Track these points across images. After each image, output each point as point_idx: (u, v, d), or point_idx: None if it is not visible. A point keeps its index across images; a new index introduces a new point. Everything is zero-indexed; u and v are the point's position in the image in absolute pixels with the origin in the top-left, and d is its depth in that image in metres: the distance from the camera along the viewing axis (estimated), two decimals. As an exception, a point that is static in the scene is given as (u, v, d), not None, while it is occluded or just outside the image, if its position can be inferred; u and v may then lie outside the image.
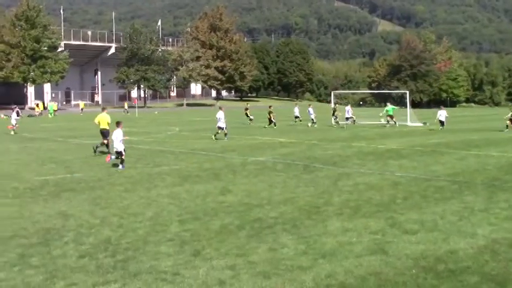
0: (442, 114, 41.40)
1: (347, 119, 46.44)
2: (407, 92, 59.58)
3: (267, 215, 12.02)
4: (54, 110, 77.64)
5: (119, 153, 20.12)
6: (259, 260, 8.80)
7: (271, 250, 9.37)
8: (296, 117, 48.03)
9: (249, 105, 56.11)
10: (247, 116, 49.08)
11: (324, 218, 11.64)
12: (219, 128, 32.43)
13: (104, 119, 25.58)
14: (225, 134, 32.49)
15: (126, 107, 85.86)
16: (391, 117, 46.57)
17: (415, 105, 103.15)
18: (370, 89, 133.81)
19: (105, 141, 25.11)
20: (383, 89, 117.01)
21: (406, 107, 51.33)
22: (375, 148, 26.77)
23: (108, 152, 23.88)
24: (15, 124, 40.85)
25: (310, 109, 46.96)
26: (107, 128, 25.35)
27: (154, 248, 9.57)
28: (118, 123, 20.90)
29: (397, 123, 45.88)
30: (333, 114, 47.09)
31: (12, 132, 39.21)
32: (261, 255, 9.09)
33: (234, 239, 10.07)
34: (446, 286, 7.64)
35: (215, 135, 32.23)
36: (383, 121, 46.86)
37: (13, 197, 14.36)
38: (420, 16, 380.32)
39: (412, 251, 9.25)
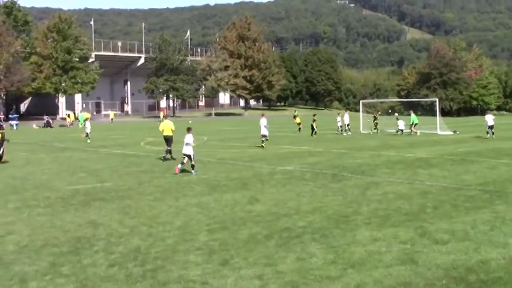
0: (489, 119, 39.99)
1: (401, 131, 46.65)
2: (437, 100, 58.96)
3: (295, 224, 11.98)
4: (86, 119, 78.62)
5: (188, 156, 20.99)
6: (288, 270, 8.76)
7: (299, 260, 9.33)
8: (341, 126, 49.08)
9: (316, 116, 53.48)
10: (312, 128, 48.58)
11: (353, 228, 11.57)
12: (263, 135, 33.40)
13: (167, 126, 26.62)
14: (263, 141, 33.28)
15: (161, 116, 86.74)
16: (411, 126, 46.49)
17: (445, 113, 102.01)
18: (399, 97, 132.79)
19: (169, 148, 26.15)
20: (412, 98, 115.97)
21: (436, 115, 50.67)
22: (404, 157, 26.54)
23: (172, 158, 25.55)
24: (89, 132, 42.53)
25: (346, 116, 49.25)
26: (171, 134, 26.47)
27: (183, 257, 9.59)
28: (189, 129, 21.69)
29: (413, 132, 46.26)
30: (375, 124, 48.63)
31: (88, 141, 40.55)
32: (289, 264, 9.06)
33: (262, 249, 10.05)
34: (477, 297, 7.53)
35: (263, 143, 33.17)
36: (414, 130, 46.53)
37: (45, 206, 14.54)
38: (450, 24, 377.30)
39: (442, 261, 9.13)
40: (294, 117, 50.79)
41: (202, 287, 8.07)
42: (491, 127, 39.37)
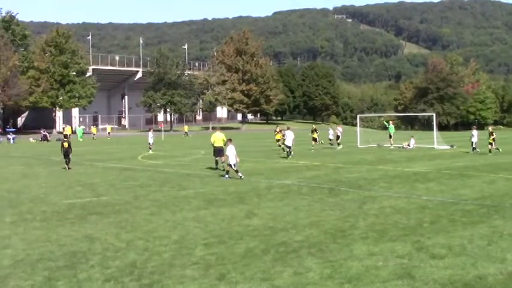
0: (475, 135, 39.98)
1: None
2: (434, 114, 58.99)
3: (292, 238, 11.95)
4: (94, 134, 79.61)
5: (230, 166, 23.68)
6: (284, 285, 8.73)
7: (296, 274, 9.30)
8: (330, 139, 49.32)
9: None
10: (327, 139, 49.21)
11: (350, 242, 11.54)
12: (288, 146, 35.65)
13: (219, 138, 27.56)
14: (289, 153, 35.47)
15: (186, 130, 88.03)
16: (390, 137, 47.03)
17: (442, 127, 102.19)
18: (397, 111, 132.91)
19: (223, 158, 26.69)
20: (409, 112, 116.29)
21: (433, 129, 50.70)
22: (401, 171, 26.55)
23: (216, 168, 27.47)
24: (152, 144, 44.15)
25: (331, 130, 49.77)
26: (222, 145, 27.46)
27: (180, 271, 9.56)
28: (230, 140, 25.06)
29: (392, 146, 46.72)
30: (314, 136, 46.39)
31: (151, 151, 42.47)
32: (286, 279, 9.03)
33: (259, 263, 10.02)
34: (474, 312, 7.52)
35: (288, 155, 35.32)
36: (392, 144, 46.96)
37: (41, 220, 14.49)
38: (446, 38, 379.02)
39: (439, 275, 9.10)
40: (312, 131, 47.54)
41: (199, 301, 8.04)
42: (473, 143, 39.41)
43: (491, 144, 38.42)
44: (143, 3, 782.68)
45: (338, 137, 47.35)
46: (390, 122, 50.32)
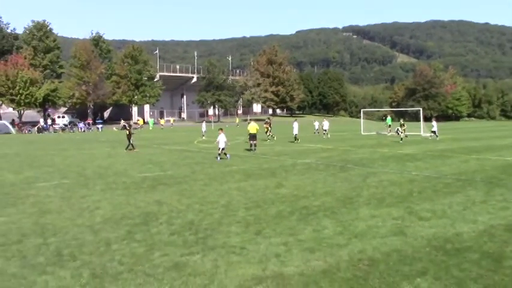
0: (435, 125, 39.36)
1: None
2: (421, 109, 57.93)
3: (311, 203, 11.92)
4: (162, 124, 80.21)
5: (223, 149, 23.09)
6: (306, 239, 8.74)
7: (315, 231, 9.29)
8: (317, 130, 47.74)
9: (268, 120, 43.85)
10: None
11: (356, 207, 11.47)
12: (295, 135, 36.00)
13: (253, 127, 27.41)
14: (296, 139, 35.93)
15: (237, 121, 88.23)
16: (389, 126, 46.52)
17: (426, 119, 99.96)
18: (391, 107, 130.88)
19: (255, 142, 27.13)
20: (401, 107, 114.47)
21: (420, 121, 49.89)
22: (395, 153, 26.21)
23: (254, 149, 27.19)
24: (205, 132, 44.53)
25: (295, 124, 39.58)
26: (255, 132, 27.37)
27: (226, 228, 9.62)
28: (221, 129, 23.98)
29: (389, 134, 46.00)
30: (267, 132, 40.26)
31: (204, 137, 42.23)
32: (307, 235, 9.02)
33: (286, 222, 10.03)
34: (453, 261, 7.42)
35: (296, 140, 35.83)
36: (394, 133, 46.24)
37: (122, 188, 14.72)
38: (431, 50, 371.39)
39: (426, 233, 9.00)
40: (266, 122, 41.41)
41: (241, 251, 8.09)
42: (434, 132, 38.70)
43: (402, 132, 38.27)
44: (197, 25, 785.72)
45: (325, 130, 42.95)
46: (388, 115, 49.75)
